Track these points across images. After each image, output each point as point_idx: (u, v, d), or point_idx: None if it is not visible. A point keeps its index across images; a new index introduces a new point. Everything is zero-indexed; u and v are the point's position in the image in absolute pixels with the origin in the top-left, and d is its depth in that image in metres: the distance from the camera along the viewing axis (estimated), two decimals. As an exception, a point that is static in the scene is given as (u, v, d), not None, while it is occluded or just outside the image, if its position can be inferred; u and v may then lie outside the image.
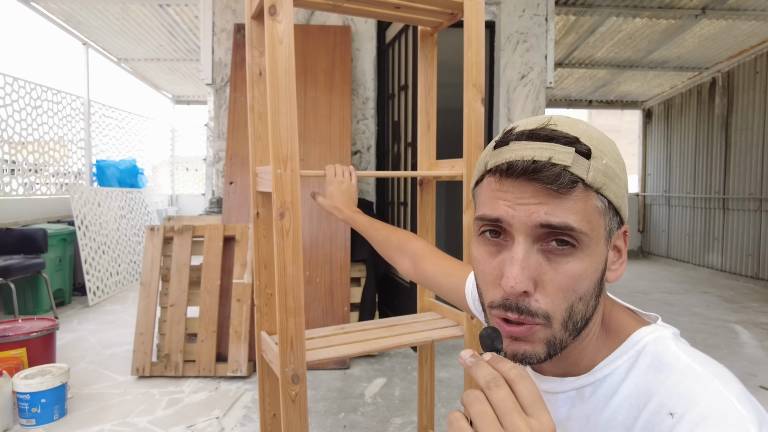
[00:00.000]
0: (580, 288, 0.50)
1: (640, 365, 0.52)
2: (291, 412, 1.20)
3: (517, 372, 0.43)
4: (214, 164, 3.84)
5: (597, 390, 0.54)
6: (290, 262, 1.19)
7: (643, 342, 0.53)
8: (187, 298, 3.01)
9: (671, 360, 0.50)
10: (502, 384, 0.41)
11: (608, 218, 0.52)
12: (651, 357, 0.51)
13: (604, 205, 0.51)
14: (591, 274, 0.51)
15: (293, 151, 1.19)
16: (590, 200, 0.50)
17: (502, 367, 0.43)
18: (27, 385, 2.26)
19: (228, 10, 3.81)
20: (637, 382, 0.51)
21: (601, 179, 0.50)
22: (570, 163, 0.48)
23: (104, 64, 6.47)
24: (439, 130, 1.75)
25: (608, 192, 0.51)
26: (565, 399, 0.57)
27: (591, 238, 0.50)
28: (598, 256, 0.51)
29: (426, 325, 1.54)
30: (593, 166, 0.49)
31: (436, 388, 2.47)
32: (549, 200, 0.49)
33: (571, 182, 0.48)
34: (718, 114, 6.32)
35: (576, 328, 0.52)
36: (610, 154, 0.52)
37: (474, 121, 1.39)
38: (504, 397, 0.40)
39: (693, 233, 6.92)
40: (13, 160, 4.60)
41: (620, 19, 4.89)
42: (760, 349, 3.41)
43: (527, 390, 0.41)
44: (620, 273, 0.55)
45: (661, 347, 0.52)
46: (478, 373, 0.43)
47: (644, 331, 0.54)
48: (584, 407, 0.55)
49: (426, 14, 1.48)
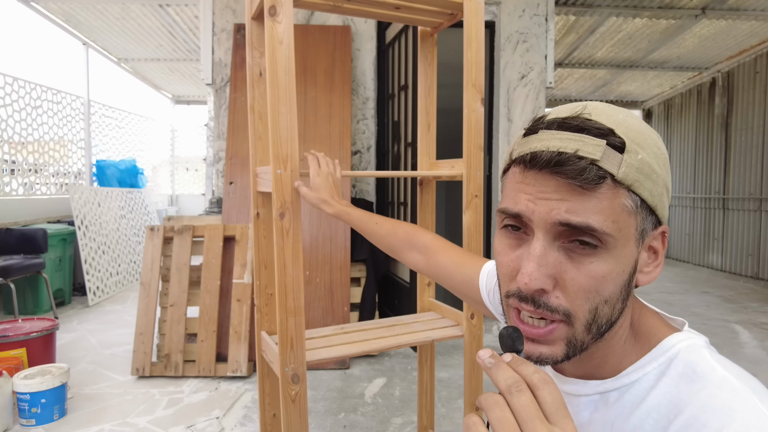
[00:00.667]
0: (605, 290, 0.48)
1: (672, 373, 0.48)
2: (291, 412, 1.20)
3: (540, 377, 0.40)
4: (214, 164, 3.84)
5: (623, 396, 0.51)
6: (290, 262, 1.19)
7: (675, 349, 0.50)
8: (187, 298, 3.01)
9: (706, 371, 0.47)
10: (525, 389, 0.39)
11: (640, 218, 0.48)
12: (683, 366, 0.48)
13: (635, 204, 0.47)
14: (616, 277, 0.48)
15: (293, 151, 1.19)
16: (618, 198, 0.46)
17: (524, 370, 0.41)
18: (27, 385, 2.26)
19: (228, 10, 3.81)
20: (667, 391, 0.48)
21: (634, 175, 0.46)
22: (599, 157, 0.45)
23: (104, 64, 6.47)
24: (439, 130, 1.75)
25: (641, 190, 0.47)
26: (588, 402, 0.54)
27: (617, 239, 0.47)
28: (625, 257, 0.48)
29: (426, 325, 1.54)
30: (626, 161, 0.46)
31: (436, 388, 2.47)
32: (572, 197, 0.46)
33: (598, 178, 0.45)
34: (718, 114, 6.32)
35: (600, 331, 0.50)
36: (650, 148, 0.48)
37: (474, 121, 1.40)
38: (526, 404, 0.38)
39: (693, 233, 6.93)
40: (13, 160, 4.60)
41: (620, 19, 4.89)
42: (760, 349, 3.41)
43: (551, 396, 0.39)
44: (654, 276, 0.51)
45: (694, 356, 0.48)
46: (498, 376, 0.41)
47: (676, 337, 0.51)
48: (608, 413, 0.52)
49: (426, 14, 1.48)
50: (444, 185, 6.19)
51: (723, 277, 6.15)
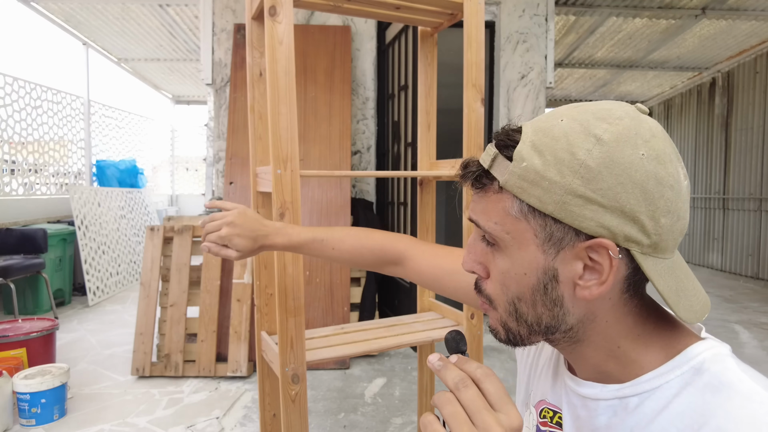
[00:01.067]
0: (510, 287, 0.52)
1: (697, 383, 0.47)
2: (291, 412, 1.20)
3: (482, 371, 0.45)
4: (214, 164, 3.84)
5: (644, 402, 0.50)
6: (290, 262, 1.19)
7: (701, 358, 0.48)
8: (187, 298, 3.01)
9: (733, 381, 0.45)
10: (470, 384, 0.44)
11: (536, 224, 0.48)
12: (710, 375, 0.47)
13: (521, 209, 0.48)
14: (516, 277, 0.51)
15: (293, 151, 1.19)
16: (502, 202, 0.50)
17: (468, 367, 0.45)
18: (27, 385, 2.26)
19: (228, 10, 3.81)
20: (692, 401, 0.46)
21: (515, 182, 0.48)
22: (487, 165, 0.50)
23: (104, 64, 6.47)
24: (439, 130, 1.75)
25: (526, 196, 0.47)
26: (607, 407, 0.53)
27: (506, 241, 0.50)
28: (525, 260, 0.50)
29: (426, 325, 1.54)
30: (509, 169, 0.48)
31: (436, 388, 2.47)
32: (477, 198, 0.53)
33: (481, 183, 0.51)
34: (718, 114, 6.32)
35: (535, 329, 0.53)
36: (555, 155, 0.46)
37: (474, 121, 1.40)
38: (473, 397, 0.43)
39: (693, 233, 6.92)
40: (13, 160, 4.60)
41: (620, 19, 4.89)
42: (760, 349, 3.41)
43: (493, 387, 0.44)
44: (594, 292, 0.48)
45: (720, 366, 0.47)
46: (446, 376, 0.45)
47: (701, 346, 0.50)
48: (628, 418, 0.51)
49: (426, 14, 1.48)
50: (444, 185, 6.18)
51: (723, 277, 6.14)
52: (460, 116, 1.44)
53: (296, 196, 1.20)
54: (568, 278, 0.49)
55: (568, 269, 0.49)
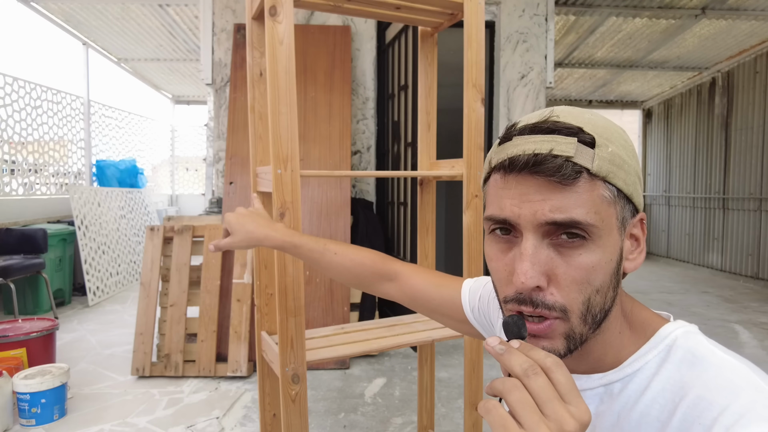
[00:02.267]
0: (596, 280, 0.49)
1: (673, 359, 0.51)
2: (291, 412, 1.20)
3: (552, 360, 0.42)
4: (214, 164, 3.84)
5: (627, 386, 0.53)
6: (290, 262, 1.19)
7: (673, 336, 0.52)
8: (187, 298, 3.01)
9: (705, 354, 0.49)
10: (540, 372, 0.41)
11: (619, 207, 0.50)
12: (683, 351, 0.50)
13: (612, 193, 0.49)
14: (605, 265, 0.50)
15: (293, 151, 1.19)
16: (597, 190, 0.48)
17: (535, 354, 0.43)
18: (27, 385, 2.26)
19: (228, 10, 3.81)
20: (670, 376, 0.50)
21: (607, 167, 0.49)
22: (572, 153, 0.48)
23: (104, 64, 6.47)
24: (439, 130, 1.75)
25: (616, 180, 0.49)
26: (593, 396, 0.56)
27: (602, 229, 0.49)
28: (611, 246, 0.50)
29: (426, 325, 1.54)
30: (598, 155, 0.48)
31: (436, 388, 2.47)
32: (553, 195, 0.48)
33: (575, 172, 0.47)
34: (718, 114, 6.32)
35: (595, 321, 0.51)
36: (617, 141, 0.51)
37: (474, 121, 1.40)
38: (544, 386, 0.41)
39: (693, 233, 6.93)
40: (13, 160, 4.60)
41: (620, 19, 4.89)
42: (760, 349, 3.41)
43: (564, 378, 0.42)
44: (639, 262, 0.54)
45: (692, 341, 0.51)
46: (512, 361, 0.43)
47: (672, 326, 0.54)
48: (614, 404, 0.54)
49: (426, 14, 1.48)
50: (444, 185, 6.19)
51: (723, 277, 6.15)
52: (460, 116, 1.44)
53: (296, 196, 1.21)
54: (625, 255, 0.53)
55: (626, 246, 0.53)
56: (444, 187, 6.21)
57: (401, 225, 3.46)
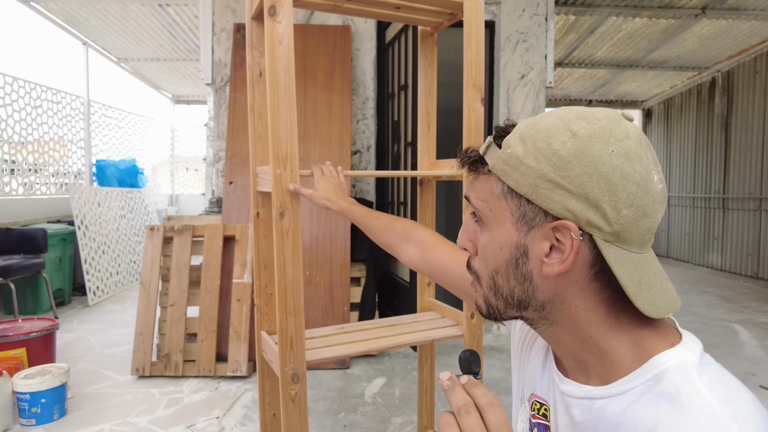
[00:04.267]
0: (490, 260, 0.57)
1: (656, 391, 0.49)
2: (291, 412, 1.20)
3: (487, 400, 0.47)
4: (214, 164, 3.84)
5: (608, 405, 0.53)
6: (290, 261, 1.19)
7: (664, 367, 0.50)
8: (187, 298, 3.01)
9: (689, 392, 0.47)
10: (473, 411, 0.46)
11: (513, 204, 0.54)
12: (668, 384, 0.49)
13: (502, 190, 0.55)
14: (494, 251, 0.57)
15: (293, 151, 1.19)
16: (489, 183, 0.56)
17: (475, 393, 0.48)
18: (27, 385, 2.26)
19: (228, 10, 3.81)
20: (647, 407, 0.49)
21: (500, 166, 0.55)
22: (482, 152, 0.57)
23: (104, 64, 6.47)
24: (439, 130, 1.75)
25: (506, 179, 0.54)
26: (577, 404, 0.57)
27: (489, 217, 0.57)
28: (502, 236, 0.56)
29: (426, 325, 1.54)
30: (497, 155, 0.55)
31: (436, 387, 2.47)
32: (472, 180, 0.60)
33: (474, 166, 0.58)
34: (718, 114, 6.32)
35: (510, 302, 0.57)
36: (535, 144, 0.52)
37: (474, 120, 1.40)
38: (472, 424, 0.45)
39: (693, 233, 6.93)
40: (13, 160, 4.60)
41: (620, 19, 4.89)
42: (759, 349, 3.41)
43: (495, 418, 0.46)
44: (557, 269, 0.52)
45: (681, 377, 0.49)
46: (452, 398, 0.48)
47: (668, 354, 0.51)
48: (592, 418, 0.55)
49: (426, 14, 1.48)
50: (444, 185, 6.18)
51: (723, 276, 6.15)
52: (460, 116, 1.44)
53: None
54: (537, 255, 0.54)
55: (537, 247, 0.54)
56: (444, 187, 6.21)
57: (401, 225, 3.46)
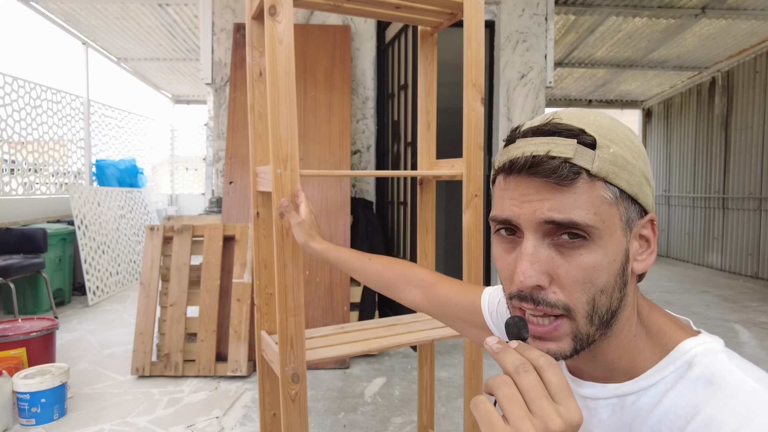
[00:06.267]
0: (598, 280, 0.49)
1: (690, 376, 0.49)
2: (291, 412, 1.20)
3: (545, 360, 0.43)
4: (214, 164, 3.84)
5: (640, 398, 0.52)
6: (290, 261, 1.19)
7: (693, 353, 0.50)
8: (187, 298, 3.01)
9: (724, 373, 0.47)
10: (531, 370, 0.42)
11: (623, 208, 0.50)
12: (701, 368, 0.49)
13: (614, 194, 0.50)
14: (608, 266, 0.50)
15: (293, 151, 1.19)
16: (596, 191, 0.49)
17: (530, 354, 0.44)
18: (27, 384, 2.26)
19: (228, 9, 3.81)
20: (685, 393, 0.48)
21: (608, 168, 0.49)
22: (571, 155, 0.48)
23: (104, 64, 6.47)
24: (439, 130, 1.75)
25: (618, 180, 0.49)
26: (606, 405, 0.55)
27: (602, 230, 0.49)
28: (613, 246, 0.50)
29: (426, 325, 1.54)
30: (598, 156, 0.49)
31: (436, 387, 2.47)
32: (552, 195, 0.49)
33: (573, 174, 0.48)
34: (718, 113, 6.32)
35: (602, 321, 0.51)
36: (622, 142, 0.51)
37: (474, 120, 1.39)
38: (533, 383, 0.41)
39: (693, 233, 6.93)
40: (12, 160, 4.60)
41: (620, 19, 4.89)
42: (759, 349, 3.41)
43: (556, 378, 0.42)
44: (648, 263, 0.54)
45: (711, 359, 0.49)
46: (506, 359, 0.43)
47: (693, 341, 0.52)
48: (625, 415, 0.53)
49: (426, 14, 1.48)
50: (444, 185, 6.19)
51: (723, 276, 6.15)
52: (460, 116, 1.44)
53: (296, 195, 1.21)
54: (632, 256, 0.53)
55: (633, 247, 0.53)
56: (444, 186, 6.21)
57: (401, 225, 3.46)
